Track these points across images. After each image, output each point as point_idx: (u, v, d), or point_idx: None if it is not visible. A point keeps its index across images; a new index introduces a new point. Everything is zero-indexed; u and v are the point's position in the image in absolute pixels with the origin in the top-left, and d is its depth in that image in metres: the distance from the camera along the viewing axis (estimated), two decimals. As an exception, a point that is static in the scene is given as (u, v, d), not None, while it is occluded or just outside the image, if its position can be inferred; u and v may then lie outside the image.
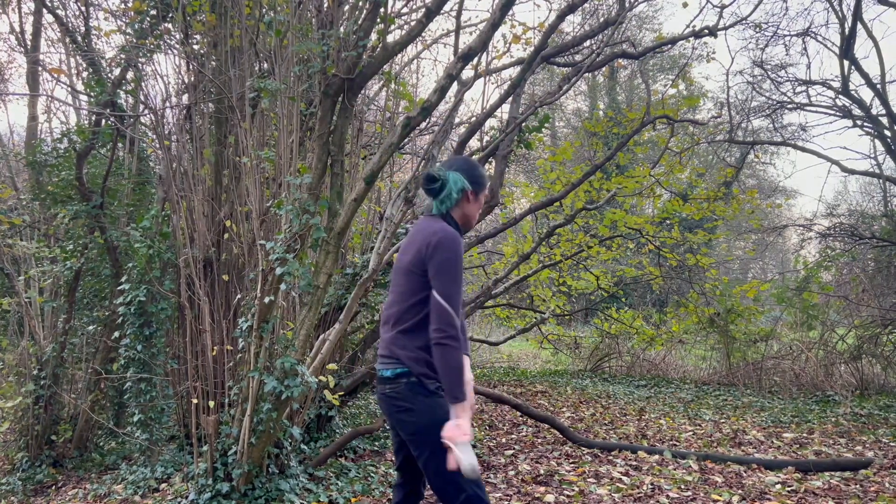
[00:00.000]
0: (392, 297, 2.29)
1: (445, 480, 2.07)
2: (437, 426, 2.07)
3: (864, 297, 9.06)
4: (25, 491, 4.81)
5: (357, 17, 4.02)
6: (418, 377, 2.14)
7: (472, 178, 2.32)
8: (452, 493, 2.07)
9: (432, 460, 2.09)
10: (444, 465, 2.05)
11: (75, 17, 5.97)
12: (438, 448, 2.06)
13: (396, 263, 2.32)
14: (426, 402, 2.13)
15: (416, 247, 2.19)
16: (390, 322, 2.26)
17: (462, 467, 1.97)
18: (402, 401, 2.15)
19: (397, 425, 2.20)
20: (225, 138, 4.68)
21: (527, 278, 8.76)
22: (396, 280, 2.28)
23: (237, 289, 4.48)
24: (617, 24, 5.95)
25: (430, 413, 2.11)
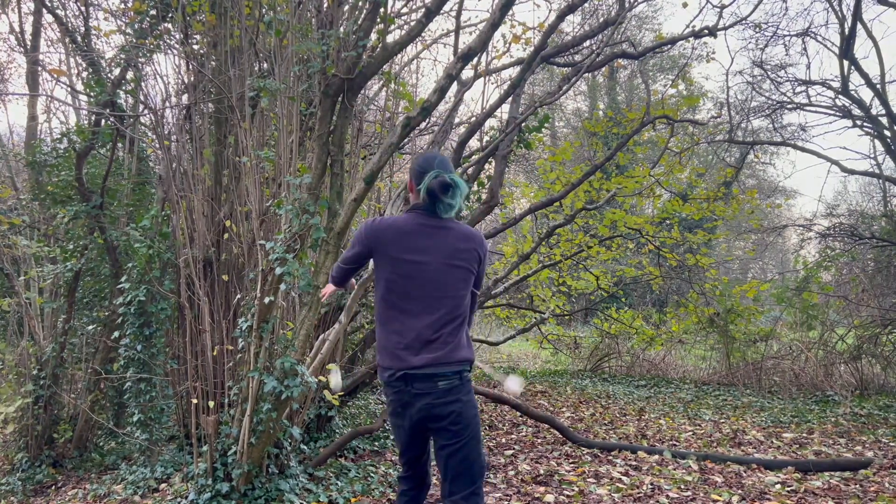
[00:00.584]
0: (450, 297, 2.35)
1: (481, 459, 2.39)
2: (478, 414, 2.43)
3: (864, 297, 9.06)
4: (25, 491, 4.81)
5: (357, 17, 4.02)
6: (468, 372, 2.40)
7: (413, 172, 2.51)
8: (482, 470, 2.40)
9: (473, 442, 2.36)
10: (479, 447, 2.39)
11: (75, 17, 5.97)
12: (479, 433, 2.40)
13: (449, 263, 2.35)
14: (472, 393, 2.41)
15: (471, 252, 2.40)
16: (458, 321, 2.36)
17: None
18: (454, 393, 2.33)
19: (442, 416, 2.33)
20: (225, 138, 4.68)
21: (527, 278, 8.76)
22: (454, 281, 2.35)
23: (237, 289, 4.48)
24: (617, 24, 5.95)
25: (475, 403, 2.43)
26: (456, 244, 2.37)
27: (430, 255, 2.34)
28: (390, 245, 2.36)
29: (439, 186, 2.31)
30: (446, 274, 2.34)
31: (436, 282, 2.33)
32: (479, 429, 2.40)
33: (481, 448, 2.40)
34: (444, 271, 2.33)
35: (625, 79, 22.17)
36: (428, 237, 2.35)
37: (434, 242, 2.35)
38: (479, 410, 7.24)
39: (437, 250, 2.34)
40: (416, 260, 2.33)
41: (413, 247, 2.34)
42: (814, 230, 10.54)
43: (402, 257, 2.34)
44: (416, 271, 2.33)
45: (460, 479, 2.33)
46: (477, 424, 2.38)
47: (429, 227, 2.37)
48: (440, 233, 2.37)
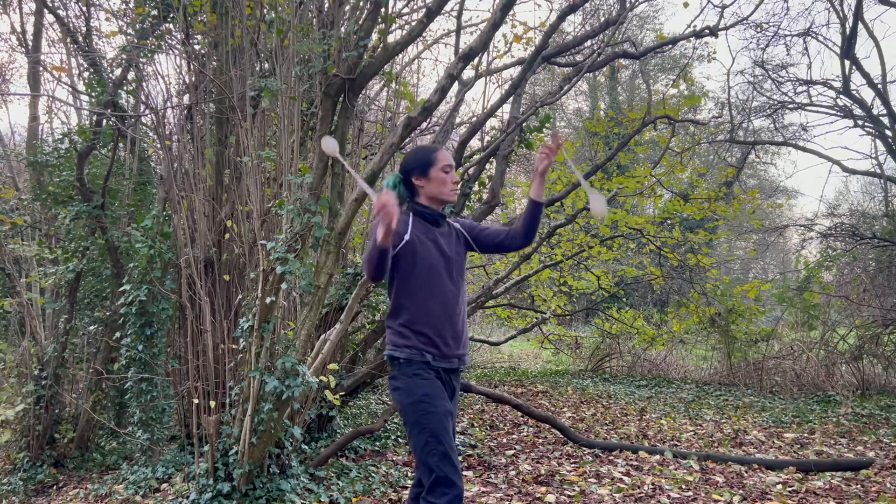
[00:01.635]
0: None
1: (418, 452, 2.30)
2: (413, 403, 2.35)
3: (865, 297, 9.05)
4: (26, 491, 4.81)
5: (358, 17, 4.02)
6: (394, 358, 2.42)
7: (409, 166, 2.50)
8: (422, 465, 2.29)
9: (410, 433, 2.33)
10: (416, 440, 2.29)
11: (76, 17, 5.97)
12: (411, 425, 2.32)
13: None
14: (401, 380, 2.38)
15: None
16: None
17: None
18: (393, 380, 2.40)
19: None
20: (226, 138, 4.68)
21: (528, 278, 8.76)
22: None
23: (238, 289, 4.48)
24: (618, 24, 5.95)
25: (405, 391, 2.38)
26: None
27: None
28: None
29: None
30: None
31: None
32: (412, 422, 2.26)
33: (418, 444, 2.23)
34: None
35: (626, 79, 22.17)
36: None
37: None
38: (480, 411, 7.26)
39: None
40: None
41: None
42: (815, 230, 10.54)
43: None
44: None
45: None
46: (407, 416, 2.28)
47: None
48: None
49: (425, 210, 2.47)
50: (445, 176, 2.46)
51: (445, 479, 2.15)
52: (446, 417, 2.27)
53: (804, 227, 11.05)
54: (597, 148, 11.17)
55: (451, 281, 2.42)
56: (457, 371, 2.45)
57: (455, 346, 2.39)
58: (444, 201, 2.50)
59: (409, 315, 2.36)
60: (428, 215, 2.46)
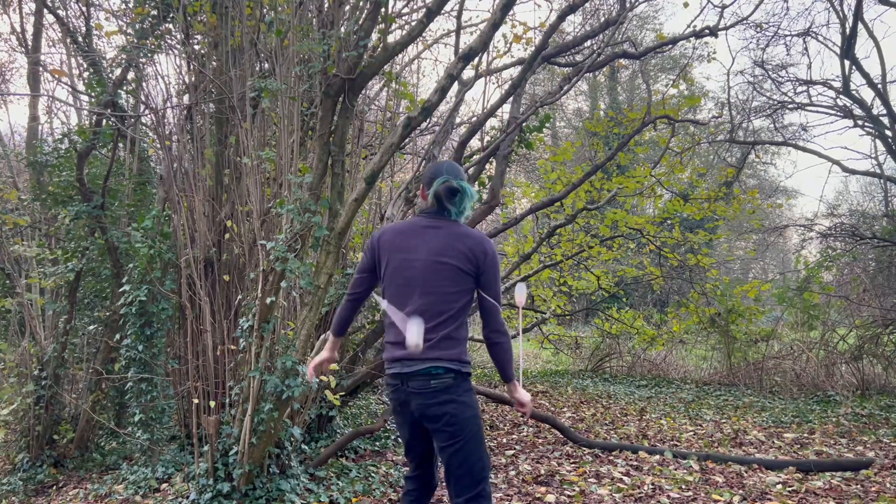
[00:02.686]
0: (433, 294, 2.34)
1: (482, 462, 2.36)
2: (477, 415, 2.37)
3: (865, 297, 9.05)
4: (26, 491, 4.81)
5: (358, 17, 4.02)
6: (463, 373, 2.36)
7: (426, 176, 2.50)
8: (483, 472, 2.36)
9: (471, 444, 2.33)
10: (480, 449, 2.35)
11: (76, 17, 5.97)
12: (477, 434, 2.35)
13: (434, 260, 2.35)
14: (470, 394, 2.36)
15: (463, 251, 2.34)
16: (440, 318, 2.33)
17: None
18: (447, 393, 2.31)
19: (437, 416, 2.32)
20: (226, 138, 4.68)
21: (528, 278, 8.76)
22: (438, 278, 2.34)
23: (238, 289, 4.48)
24: (618, 24, 5.95)
25: (473, 404, 2.37)
26: (448, 241, 2.36)
27: (417, 252, 2.38)
28: (386, 246, 2.45)
29: (445, 191, 2.37)
30: (430, 270, 2.35)
31: (420, 279, 2.36)
32: (479, 430, 2.37)
33: (482, 450, 2.36)
34: (428, 268, 2.35)
35: (626, 79, 22.17)
36: (420, 236, 2.40)
37: (424, 240, 2.39)
38: (480, 411, 7.26)
39: (425, 247, 2.37)
40: (405, 257, 2.40)
41: (404, 245, 2.41)
42: (815, 230, 10.53)
43: (393, 255, 2.42)
44: (403, 268, 2.39)
45: (462, 481, 2.32)
46: (475, 426, 2.34)
47: (424, 227, 2.41)
48: (434, 231, 2.40)
49: None
50: None
51: (489, 494, 2.37)
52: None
53: (804, 227, 11.05)
54: (597, 148, 11.17)
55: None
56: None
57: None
58: None
59: (466, 332, 2.43)
60: None
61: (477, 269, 2.36)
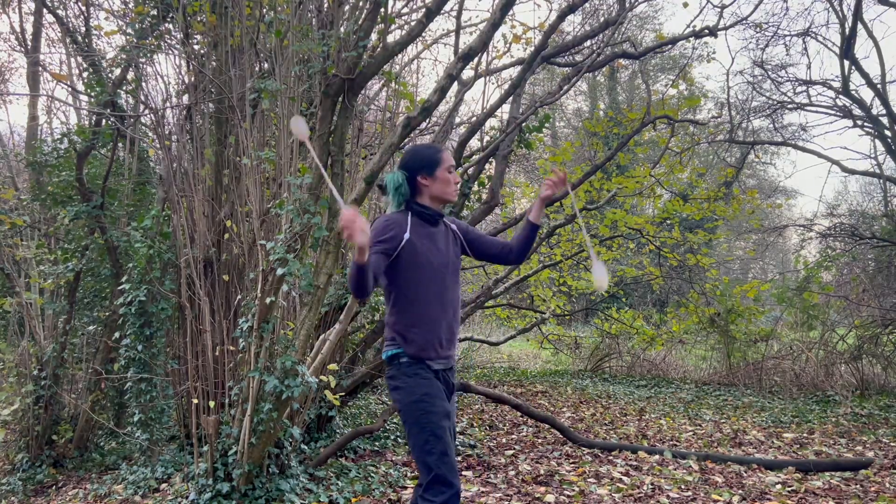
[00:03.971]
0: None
1: (418, 452, 2.26)
2: (413, 402, 2.31)
3: (865, 297, 9.05)
4: (26, 491, 4.81)
5: (357, 17, 4.02)
6: (409, 357, 2.38)
7: (415, 164, 2.46)
8: (423, 471, 2.24)
9: (410, 434, 2.29)
10: (417, 440, 2.24)
11: (76, 17, 5.97)
12: (415, 421, 2.28)
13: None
14: (406, 378, 2.37)
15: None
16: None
17: None
18: (393, 380, 2.37)
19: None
20: (225, 138, 4.68)
21: (527, 278, 8.76)
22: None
23: (237, 289, 4.48)
24: (617, 24, 5.96)
25: (407, 390, 2.35)
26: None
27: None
28: None
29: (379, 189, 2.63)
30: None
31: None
32: (412, 421, 2.24)
33: (417, 443, 2.21)
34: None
35: (625, 79, 22.17)
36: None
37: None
38: (480, 410, 7.26)
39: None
40: None
41: None
42: (814, 230, 10.53)
43: None
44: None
45: None
46: (407, 415, 2.26)
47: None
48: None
49: (426, 210, 2.44)
50: (450, 176, 2.47)
51: (443, 478, 2.15)
52: (445, 417, 2.26)
53: (803, 227, 11.05)
54: (596, 148, 11.16)
55: (449, 281, 2.42)
56: (452, 370, 2.47)
57: (449, 346, 2.41)
58: (447, 201, 2.50)
59: (410, 315, 2.35)
60: (428, 215, 2.44)
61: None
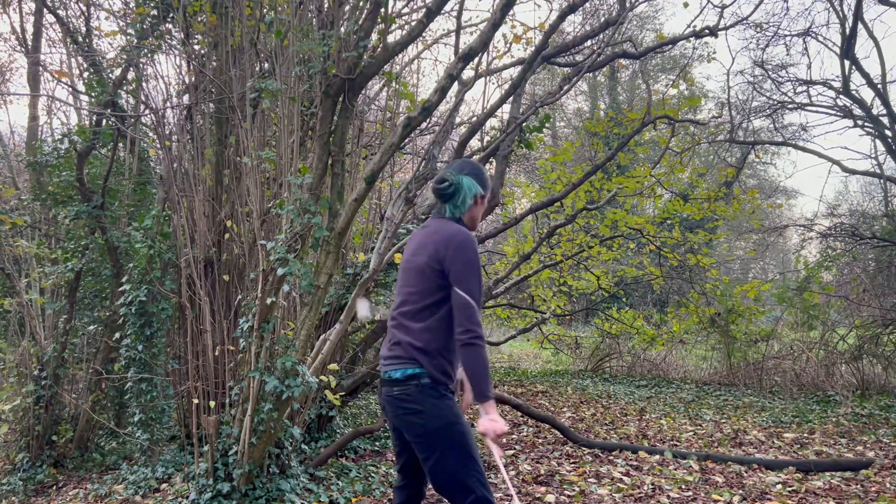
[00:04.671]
0: (402, 297, 2.27)
1: (455, 482, 2.09)
2: (448, 428, 2.11)
3: (865, 297, 9.05)
4: (26, 491, 4.81)
5: (358, 18, 4.02)
6: (431, 379, 2.15)
7: (482, 182, 2.38)
8: (461, 495, 2.09)
9: (441, 462, 2.10)
10: (453, 466, 2.08)
11: (76, 17, 5.97)
12: (449, 449, 2.09)
13: (406, 264, 2.31)
14: (437, 403, 2.13)
15: (432, 248, 2.20)
16: (402, 322, 2.24)
17: (497, 459, 2.13)
18: (411, 403, 2.14)
19: (404, 427, 2.17)
20: (226, 138, 4.68)
21: (527, 278, 8.76)
22: (407, 280, 2.27)
23: (238, 289, 4.48)
24: (618, 24, 5.95)
25: (441, 415, 2.12)
26: (424, 239, 2.28)
27: (407, 253, 2.36)
28: None
29: (433, 189, 2.33)
30: (408, 270, 2.29)
31: (402, 277, 2.33)
32: (447, 444, 2.10)
33: (457, 465, 2.09)
34: (408, 267, 2.29)
35: (626, 79, 22.17)
36: (415, 237, 2.37)
37: (412, 240, 2.36)
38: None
39: (409, 247, 2.35)
40: (405, 258, 2.37)
41: (408, 247, 2.39)
42: (815, 230, 10.53)
43: None
44: (402, 271, 2.37)
45: (448, 496, 2.11)
46: (443, 438, 2.10)
47: (421, 228, 2.38)
48: (423, 230, 2.34)
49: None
50: (486, 206, 2.47)
51: (485, 499, 2.09)
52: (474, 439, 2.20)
53: (804, 227, 11.05)
54: (597, 148, 11.17)
55: None
56: None
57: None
58: (473, 229, 2.41)
59: (448, 338, 2.19)
60: None
61: (441, 263, 2.16)
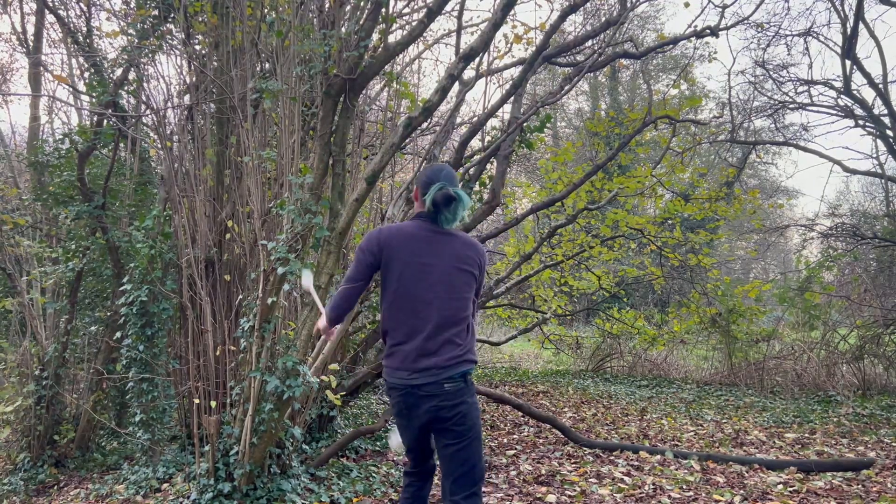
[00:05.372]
0: (456, 300, 2.44)
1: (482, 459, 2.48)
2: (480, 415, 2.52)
3: (866, 297, 9.04)
4: (27, 491, 4.81)
5: (358, 18, 4.02)
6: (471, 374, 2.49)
7: None
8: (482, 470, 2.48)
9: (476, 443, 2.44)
10: (482, 447, 2.50)
11: (77, 17, 5.97)
12: (480, 434, 2.48)
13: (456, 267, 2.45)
14: (475, 395, 2.50)
15: (474, 258, 2.50)
16: (461, 324, 2.44)
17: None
18: (464, 395, 2.40)
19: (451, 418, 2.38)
20: (227, 138, 4.68)
21: (528, 278, 8.75)
22: (461, 285, 2.46)
23: (239, 289, 4.48)
24: (619, 24, 5.95)
25: (478, 404, 2.51)
26: (462, 250, 2.48)
27: (439, 258, 2.44)
28: (401, 249, 2.43)
29: (443, 199, 2.41)
30: (455, 277, 2.44)
31: (445, 284, 2.43)
32: (481, 431, 2.48)
33: (482, 450, 2.48)
34: (453, 274, 2.44)
35: (627, 79, 22.16)
36: (436, 242, 2.47)
37: (442, 247, 2.46)
38: (482, 410, 7.26)
39: (445, 254, 2.45)
40: (427, 262, 2.43)
41: (423, 250, 2.44)
42: (816, 230, 10.52)
43: (413, 260, 2.42)
44: (426, 274, 2.42)
45: (462, 479, 2.39)
46: (479, 426, 2.46)
47: (435, 233, 2.48)
48: (446, 239, 2.49)
49: None
50: None
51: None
52: None
53: (805, 228, 11.04)
54: (598, 148, 11.16)
55: None
56: None
57: None
58: None
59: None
60: None
61: (479, 275, 2.54)
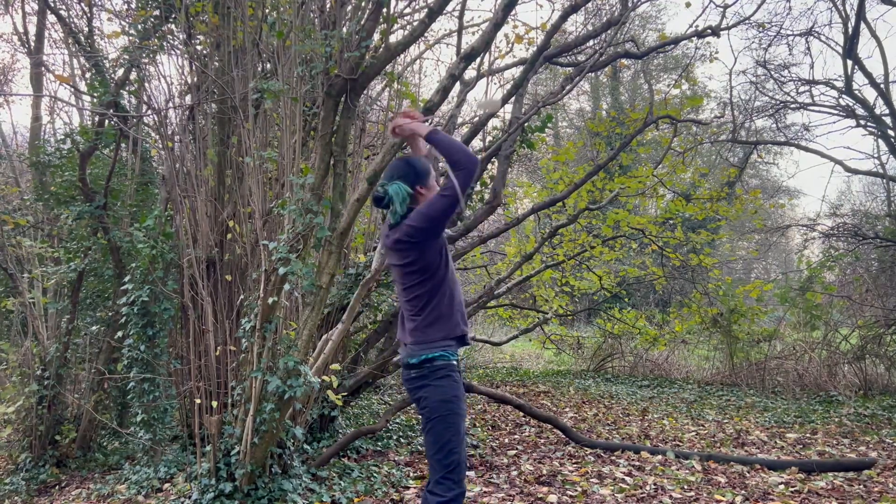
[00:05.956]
0: (399, 291, 2.55)
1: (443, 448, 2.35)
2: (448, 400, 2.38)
3: (868, 297, 9.03)
4: (29, 491, 4.82)
5: (360, 18, 4.02)
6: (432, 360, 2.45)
7: (414, 176, 2.49)
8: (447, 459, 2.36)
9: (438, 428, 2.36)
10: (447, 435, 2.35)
11: (78, 17, 5.98)
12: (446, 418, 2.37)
13: (394, 261, 2.54)
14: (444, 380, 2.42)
15: (402, 242, 2.40)
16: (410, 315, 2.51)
17: None
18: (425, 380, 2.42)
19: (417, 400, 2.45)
20: (228, 139, 4.68)
21: (529, 278, 8.76)
22: (400, 279, 2.53)
23: (240, 289, 4.48)
24: (620, 24, 5.94)
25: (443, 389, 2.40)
26: (398, 245, 2.44)
27: (392, 258, 2.54)
28: None
29: (374, 201, 2.53)
30: (400, 275, 2.51)
31: (398, 283, 2.55)
32: (447, 418, 2.33)
33: (448, 438, 2.32)
34: (397, 272, 2.51)
35: (628, 78, 22.15)
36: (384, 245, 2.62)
37: (385, 248, 2.61)
38: (482, 411, 7.25)
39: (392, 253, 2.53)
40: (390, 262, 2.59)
41: (387, 253, 2.58)
42: (817, 230, 10.51)
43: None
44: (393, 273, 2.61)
45: (431, 468, 2.36)
46: (444, 411, 2.33)
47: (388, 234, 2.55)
48: (386, 238, 2.55)
49: None
50: (437, 185, 2.57)
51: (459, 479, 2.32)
52: (465, 420, 2.42)
53: (806, 228, 11.03)
54: (599, 148, 11.13)
55: None
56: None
57: None
58: None
59: (446, 317, 2.43)
60: None
61: (415, 252, 2.38)
